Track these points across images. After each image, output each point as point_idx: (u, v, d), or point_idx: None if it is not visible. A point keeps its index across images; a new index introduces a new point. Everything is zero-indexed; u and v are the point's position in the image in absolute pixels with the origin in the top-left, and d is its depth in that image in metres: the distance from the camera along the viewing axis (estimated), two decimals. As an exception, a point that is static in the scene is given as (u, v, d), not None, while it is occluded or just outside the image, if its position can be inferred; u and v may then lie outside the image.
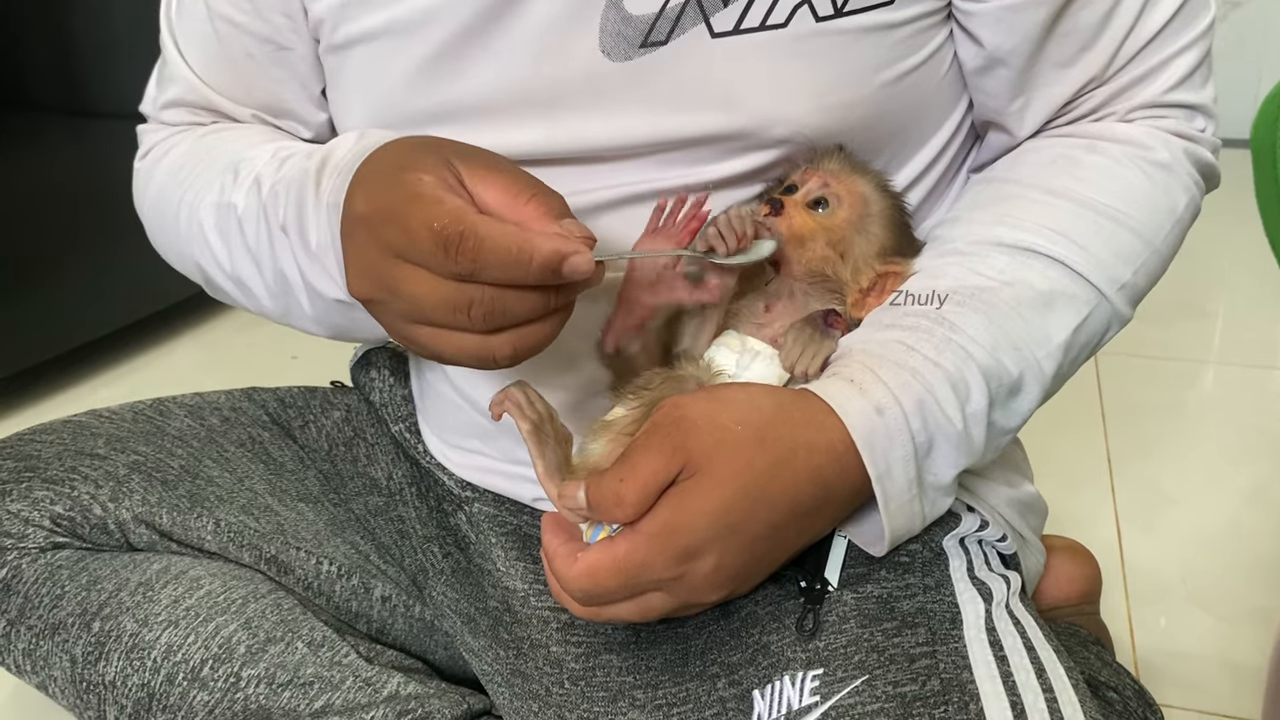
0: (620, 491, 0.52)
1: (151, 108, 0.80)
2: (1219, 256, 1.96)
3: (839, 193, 0.61)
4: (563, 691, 0.68)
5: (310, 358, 1.70)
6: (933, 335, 0.57)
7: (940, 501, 0.59)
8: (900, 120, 0.65)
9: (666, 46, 0.59)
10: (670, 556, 0.53)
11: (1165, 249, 0.64)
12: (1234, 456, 1.40)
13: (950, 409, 0.56)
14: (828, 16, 0.58)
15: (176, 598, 0.73)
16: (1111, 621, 1.02)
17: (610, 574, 0.53)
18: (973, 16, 0.63)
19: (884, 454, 0.54)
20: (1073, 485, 1.30)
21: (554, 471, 0.58)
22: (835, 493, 0.55)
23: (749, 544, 0.54)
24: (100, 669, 0.72)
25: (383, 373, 0.87)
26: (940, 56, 0.64)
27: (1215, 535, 1.23)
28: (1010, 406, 0.59)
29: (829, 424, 0.54)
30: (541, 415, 0.58)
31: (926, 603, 0.57)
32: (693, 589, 0.54)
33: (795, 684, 0.55)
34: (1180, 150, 0.65)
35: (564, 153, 0.63)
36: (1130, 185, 0.63)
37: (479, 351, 0.52)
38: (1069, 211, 0.62)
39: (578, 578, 0.54)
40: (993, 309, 0.59)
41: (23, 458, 0.78)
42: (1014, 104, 0.66)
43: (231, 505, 0.79)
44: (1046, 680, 0.53)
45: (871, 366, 0.56)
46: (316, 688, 0.71)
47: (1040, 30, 0.62)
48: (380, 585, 0.81)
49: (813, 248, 0.61)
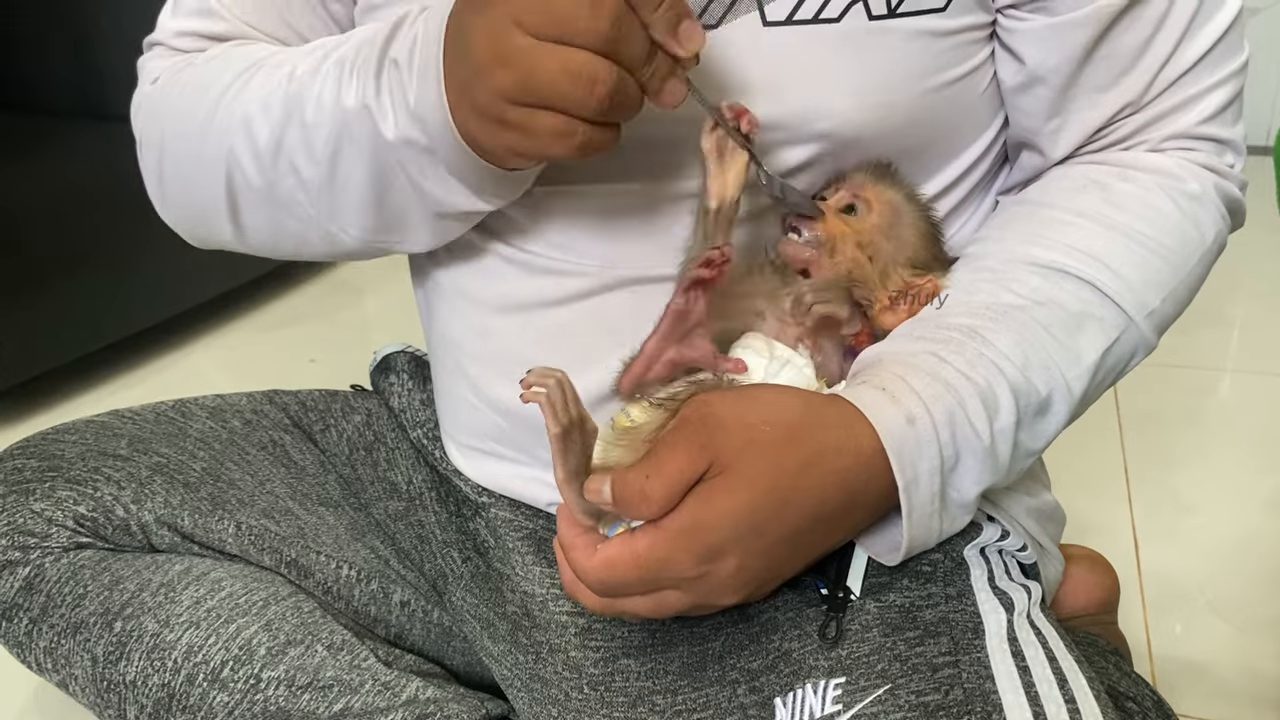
0: (646, 488, 0.52)
1: (162, 34, 0.76)
2: (1238, 263, 1.94)
3: (869, 198, 0.62)
4: (582, 696, 0.68)
5: (329, 361, 1.71)
6: (965, 349, 0.57)
7: (960, 518, 0.59)
8: (937, 129, 0.65)
9: (718, 30, 0.59)
10: (693, 555, 0.52)
11: (1192, 280, 0.64)
12: (1252, 464, 1.39)
13: (979, 424, 0.56)
14: (881, 15, 0.59)
15: (198, 599, 0.73)
16: (1129, 630, 1.02)
17: (629, 568, 0.53)
18: (1016, 34, 0.63)
19: (912, 463, 0.54)
20: (1090, 493, 1.30)
21: (574, 477, 0.57)
22: (860, 499, 0.55)
23: (771, 546, 0.54)
24: (121, 668, 0.72)
25: (401, 377, 0.87)
26: (982, 72, 0.65)
27: (1234, 544, 1.22)
28: (1037, 427, 0.59)
29: (859, 429, 0.54)
30: (574, 420, 0.57)
31: (949, 612, 0.57)
32: (711, 589, 0.54)
33: (818, 692, 0.55)
34: (1210, 184, 0.65)
35: None
36: (1162, 214, 0.63)
37: (566, 129, 0.50)
38: (1102, 235, 0.62)
39: (596, 569, 0.54)
40: (1024, 327, 0.59)
41: (46, 457, 0.79)
42: (1050, 124, 0.66)
43: (253, 508, 0.79)
44: (1069, 691, 0.53)
45: (903, 375, 0.56)
46: (336, 691, 0.71)
47: (1082, 51, 0.62)
48: (400, 590, 0.82)
49: (843, 250, 0.61)
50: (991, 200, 0.73)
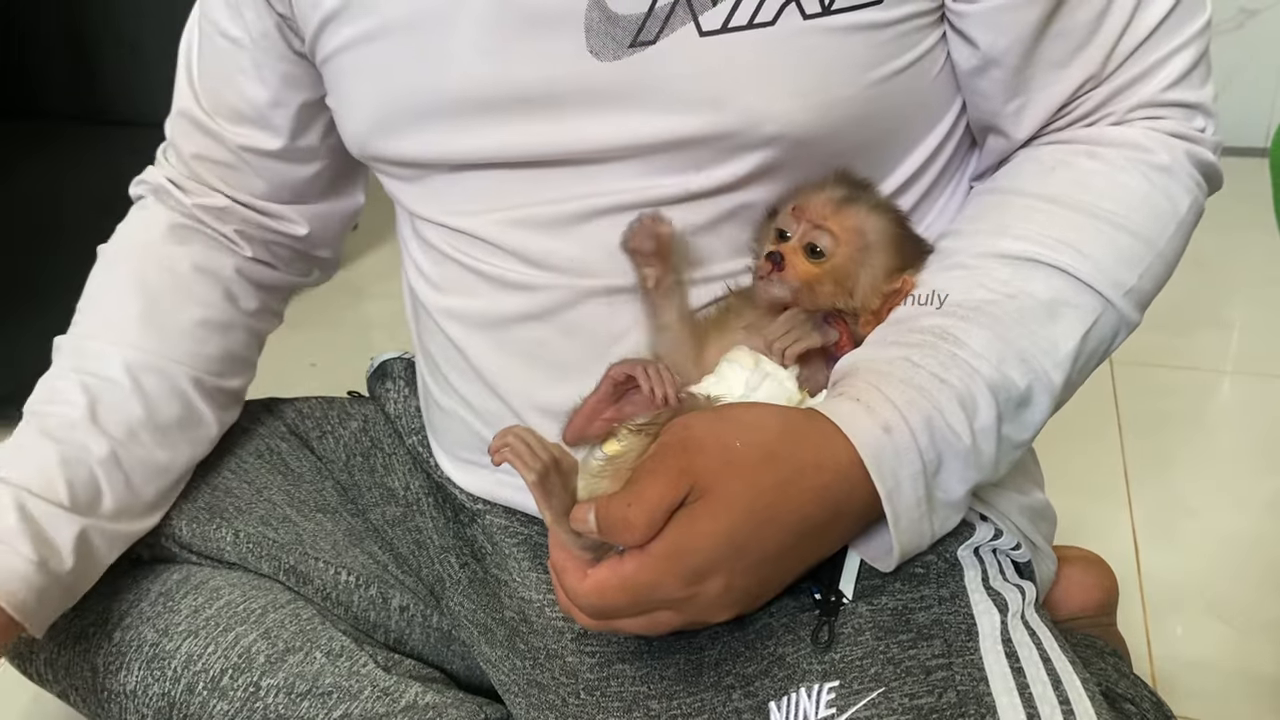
0: (629, 515, 0.52)
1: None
2: (1237, 266, 1.95)
3: (833, 231, 0.60)
4: (579, 702, 0.68)
5: (328, 366, 1.71)
6: (938, 351, 0.57)
7: (951, 518, 0.59)
8: (890, 121, 0.64)
9: (655, 46, 0.59)
10: (679, 578, 0.53)
11: (1169, 252, 0.63)
12: (1252, 466, 1.39)
13: (959, 425, 0.56)
14: (815, 14, 0.58)
15: (196, 607, 0.73)
16: (1129, 633, 1.02)
17: (618, 592, 0.54)
18: (965, 17, 0.63)
19: (893, 472, 0.54)
20: (1090, 495, 1.30)
21: (562, 516, 0.57)
22: (844, 511, 0.55)
23: (757, 564, 0.55)
24: (121, 678, 0.72)
25: (398, 383, 0.88)
26: (931, 58, 0.64)
27: (1233, 546, 1.22)
28: (1020, 419, 0.59)
29: (836, 443, 0.54)
30: (546, 463, 0.57)
31: (942, 614, 0.57)
32: (701, 609, 0.55)
33: (811, 696, 0.55)
34: (1181, 152, 0.64)
35: (560, 153, 0.63)
36: (1130, 190, 0.62)
37: None
38: (1069, 220, 0.62)
39: (587, 594, 0.55)
40: (997, 322, 0.58)
41: (45, 468, 0.79)
42: (1010, 105, 0.65)
43: (250, 516, 0.80)
44: (1063, 692, 0.53)
45: (877, 385, 0.56)
46: (335, 697, 0.71)
47: (1033, 30, 0.61)
48: (398, 595, 0.82)
49: (821, 291, 0.60)
50: (965, 187, 0.72)
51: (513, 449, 0.57)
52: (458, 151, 0.66)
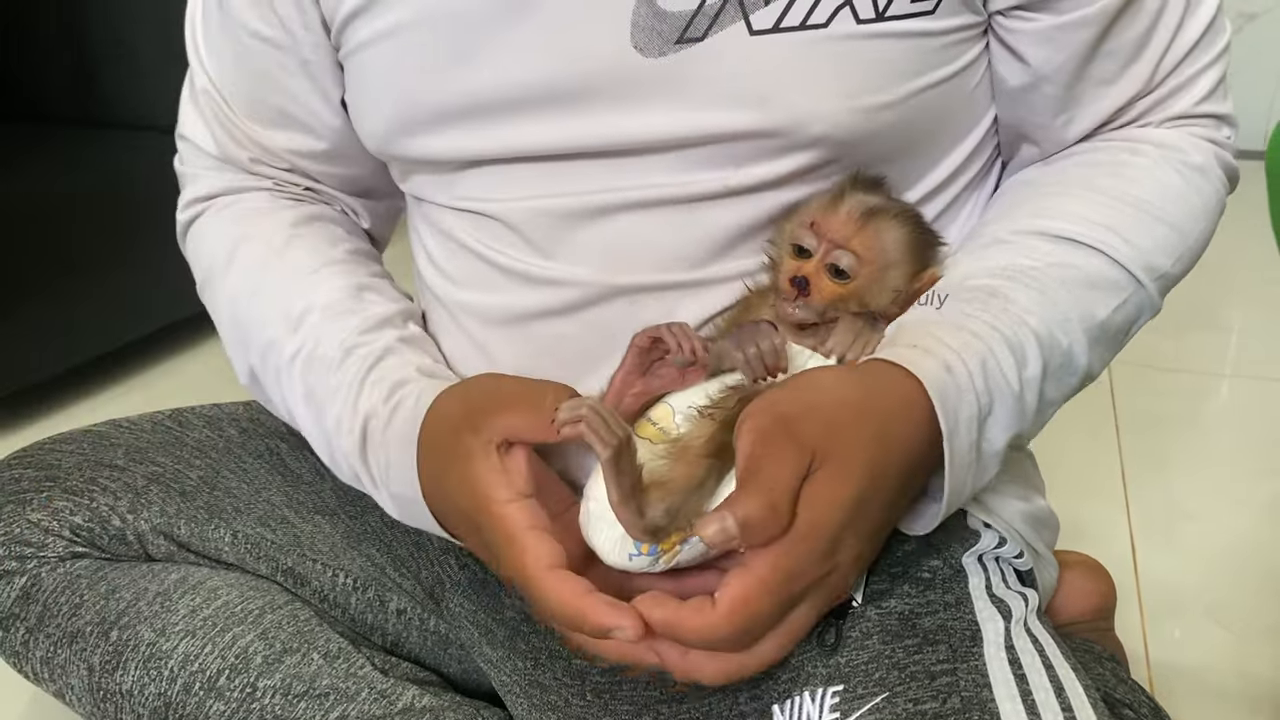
0: (775, 504, 0.50)
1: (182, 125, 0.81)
2: (1235, 270, 1.96)
3: (857, 251, 0.59)
4: (583, 703, 0.68)
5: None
6: (989, 306, 0.58)
7: (989, 470, 0.58)
8: (927, 128, 0.65)
9: (703, 43, 0.59)
10: (819, 554, 0.52)
11: (1197, 244, 0.66)
12: (1250, 470, 1.39)
13: (1009, 371, 0.57)
14: (869, 20, 0.59)
15: (194, 608, 0.73)
16: (1126, 637, 1.02)
17: (761, 595, 0.50)
18: (1018, 34, 0.64)
19: (954, 411, 0.54)
20: (1087, 499, 1.30)
21: (629, 497, 0.54)
22: (924, 456, 0.55)
23: (875, 525, 0.54)
24: (117, 678, 0.72)
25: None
26: (973, 69, 0.65)
27: (1232, 550, 1.22)
28: (1060, 379, 0.60)
29: (908, 386, 0.54)
30: (621, 440, 0.53)
31: (947, 620, 0.57)
32: (834, 586, 0.54)
33: (815, 700, 0.55)
34: (1212, 154, 0.67)
35: (592, 147, 0.63)
36: (1167, 185, 0.65)
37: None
38: (1109, 206, 0.63)
39: (727, 618, 0.50)
40: (1043, 285, 0.60)
41: (43, 467, 0.79)
42: (1058, 119, 0.67)
43: (249, 517, 0.79)
44: (1065, 699, 0.53)
45: (932, 332, 0.57)
46: (332, 699, 0.71)
47: (1086, 48, 0.63)
48: (396, 598, 0.82)
49: (848, 306, 0.60)
50: (986, 200, 0.73)
51: (589, 423, 0.52)
52: (486, 149, 0.65)
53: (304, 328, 0.70)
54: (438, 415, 0.62)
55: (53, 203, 1.63)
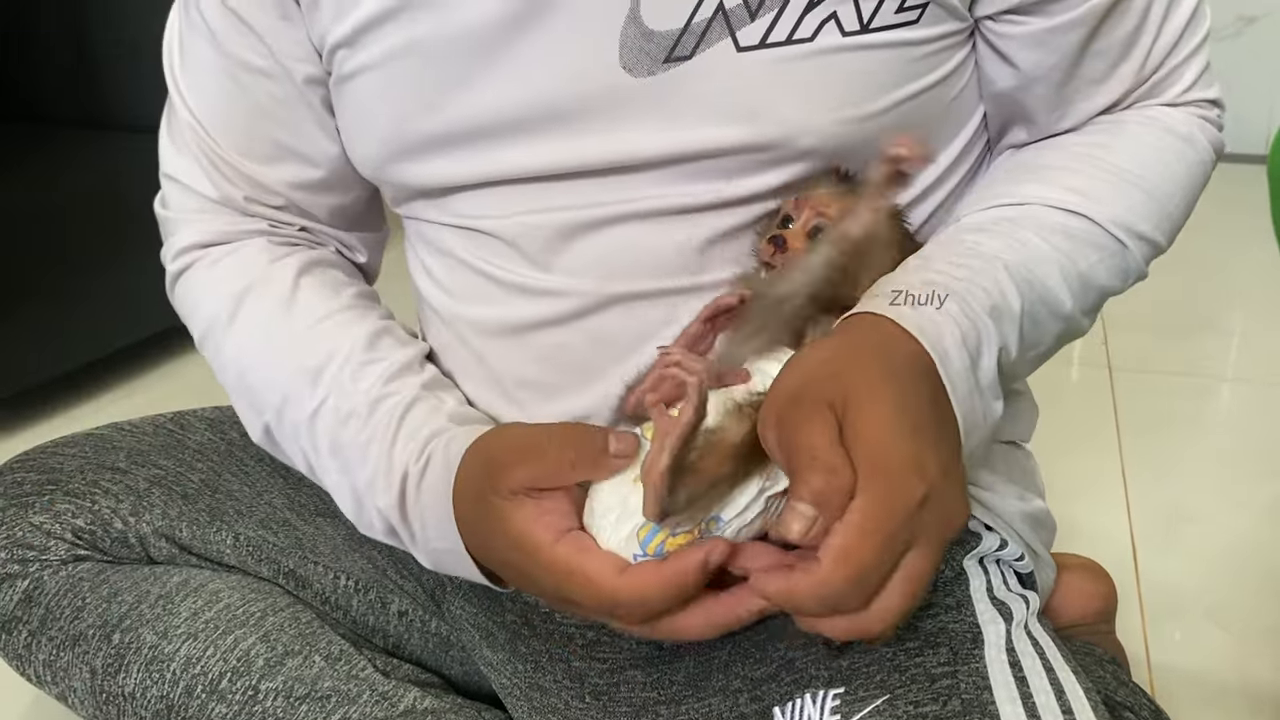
0: (825, 463, 0.48)
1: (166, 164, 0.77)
2: (1237, 273, 1.96)
3: (835, 216, 0.60)
4: (583, 706, 0.68)
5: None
6: (950, 250, 0.59)
7: (993, 404, 0.56)
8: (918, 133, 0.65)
9: (691, 61, 0.59)
10: (897, 478, 0.48)
11: (1178, 210, 0.67)
12: (1250, 472, 1.39)
13: (981, 300, 0.56)
14: (854, 32, 0.59)
15: (196, 610, 0.73)
16: (1127, 639, 1.02)
17: (861, 540, 0.47)
18: (1007, 39, 0.64)
19: (938, 339, 0.53)
20: (1088, 501, 1.30)
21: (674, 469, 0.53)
22: (924, 370, 0.53)
23: (934, 429, 0.51)
24: (120, 680, 0.72)
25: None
26: (958, 74, 0.65)
27: (1232, 552, 1.22)
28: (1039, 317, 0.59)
29: (886, 326, 0.53)
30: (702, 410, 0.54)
31: (948, 622, 0.57)
32: (940, 515, 0.49)
33: (816, 702, 0.55)
34: (1197, 127, 0.68)
35: (584, 167, 0.63)
36: (1150, 150, 0.66)
37: None
38: (1089, 175, 0.64)
39: (834, 569, 0.47)
40: (1014, 231, 0.60)
41: (45, 470, 0.79)
42: (1051, 116, 0.68)
43: (250, 519, 0.80)
44: (1066, 702, 0.53)
45: (894, 285, 0.56)
46: (334, 701, 0.71)
47: (1076, 50, 0.64)
48: (397, 600, 0.82)
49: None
50: None
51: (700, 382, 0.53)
52: (479, 172, 0.65)
53: (324, 380, 0.68)
54: (465, 480, 0.61)
55: (52, 203, 1.63)
